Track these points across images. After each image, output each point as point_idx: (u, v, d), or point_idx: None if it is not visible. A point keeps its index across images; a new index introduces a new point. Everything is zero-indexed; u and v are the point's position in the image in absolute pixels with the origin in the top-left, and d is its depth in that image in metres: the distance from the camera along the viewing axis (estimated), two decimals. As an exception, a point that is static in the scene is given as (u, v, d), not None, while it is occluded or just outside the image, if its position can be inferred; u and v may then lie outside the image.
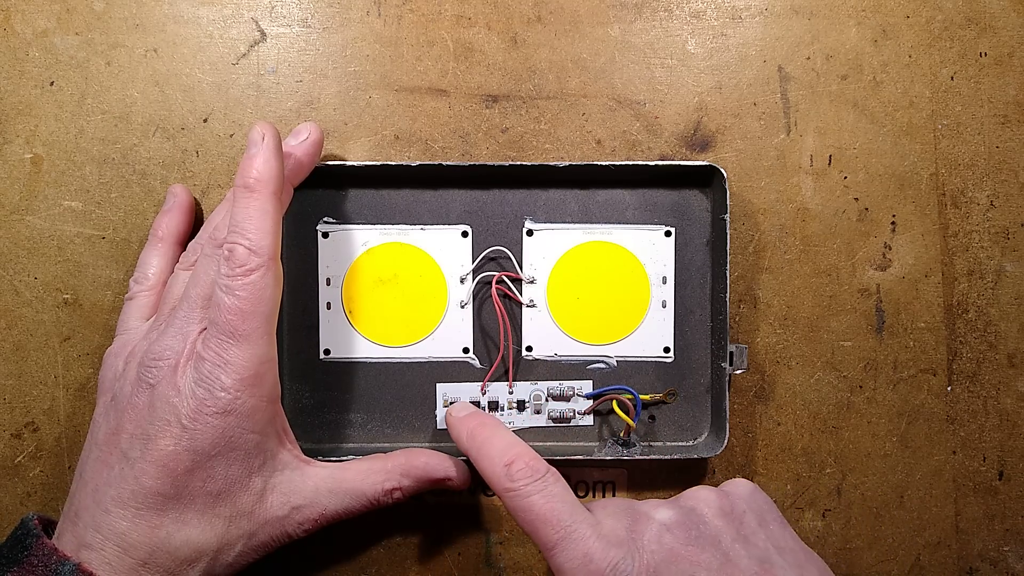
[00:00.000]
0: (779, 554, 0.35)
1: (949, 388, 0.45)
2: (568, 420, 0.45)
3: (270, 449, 0.38)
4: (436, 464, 0.41)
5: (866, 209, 0.45)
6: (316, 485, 0.39)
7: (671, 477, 0.45)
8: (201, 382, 0.36)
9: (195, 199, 0.44)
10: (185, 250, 0.43)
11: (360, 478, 0.40)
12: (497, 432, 0.38)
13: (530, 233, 0.45)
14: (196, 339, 0.37)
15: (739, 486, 0.38)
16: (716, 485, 0.39)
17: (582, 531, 0.34)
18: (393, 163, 0.43)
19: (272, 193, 0.37)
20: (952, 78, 0.45)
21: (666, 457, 0.44)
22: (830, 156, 0.45)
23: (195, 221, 0.44)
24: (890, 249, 0.45)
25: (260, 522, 0.38)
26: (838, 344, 0.45)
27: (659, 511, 0.36)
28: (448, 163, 0.43)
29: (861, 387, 0.45)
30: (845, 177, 0.45)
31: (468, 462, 0.42)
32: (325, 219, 0.45)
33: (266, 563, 0.39)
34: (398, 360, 0.45)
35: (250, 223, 0.36)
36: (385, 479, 0.40)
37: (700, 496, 0.37)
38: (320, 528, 0.39)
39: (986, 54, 0.45)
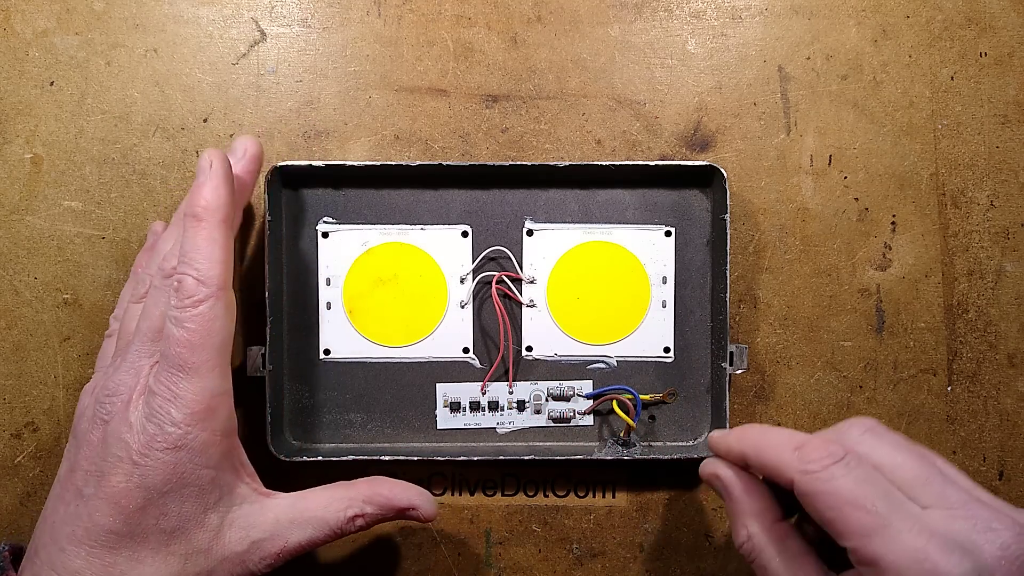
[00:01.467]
0: None
1: (949, 388, 0.45)
2: (568, 420, 0.45)
3: (226, 484, 0.37)
4: (400, 492, 0.39)
5: (866, 209, 0.45)
6: (276, 517, 0.38)
7: (671, 477, 0.45)
8: (152, 417, 0.35)
9: None
10: (131, 277, 0.42)
11: (322, 506, 0.38)
12: (772, 428, 0.36)
13: (530, 233, 0.45)
14: (148, 373, 0.36)
15: None
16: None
17: (907, 520, 0.31)
18: (393, 163, 0.43)
19: (220, 221, 0.36)
20: (952, 78, 0.45)
21: (666, 457, 0.44)
22: (830, 156, 0.45)
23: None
24: (890, 249, 0.45)
25: (218, 559, 0.36)
26: (838, 344, 0.45)
27: (1008, 531, 0.31)
28: (448, 163, 0.43)
29: (861, 387, 0.45)
30: (845, 177, 0.45)
31: (466, 461, 0.42)
32: (325, 219, 0.45)
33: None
34: (398, 360, 0.45)
35: (198, 253, 0.36)
36: (348, 506, 0.38)
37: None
38: (283, 562, 0.38)
39: (986, 54, 0.45)
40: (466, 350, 0.45)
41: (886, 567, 0.30)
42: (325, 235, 0.45)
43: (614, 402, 0.44)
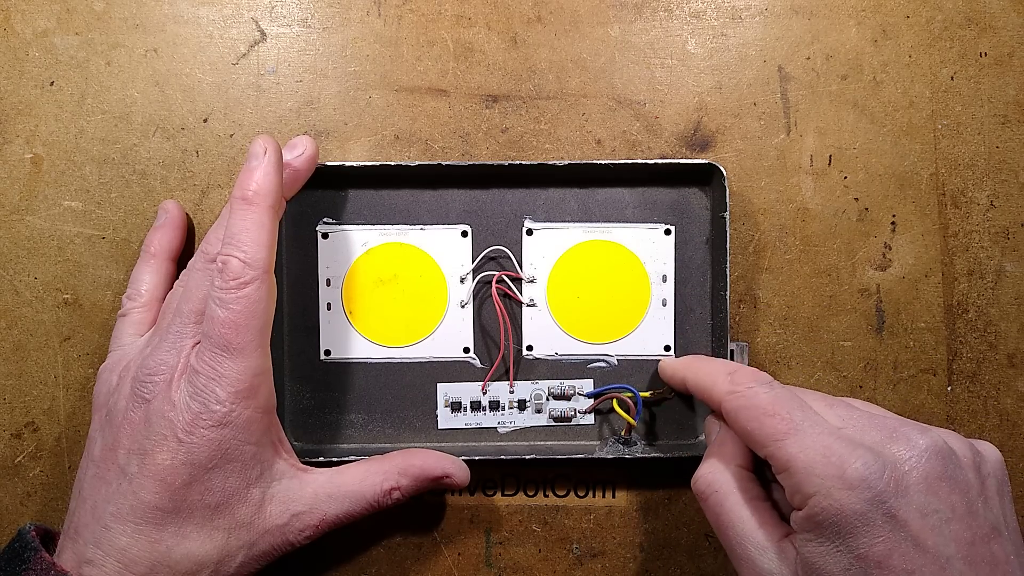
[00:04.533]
0: (1006, 528, 0.33)
1: (949, 388, 0.45)
2: (569, 419, 0.45)
3: (266, 459, 0.38)
4: (434, 462, 0.41)
5: (866, 209, 0.45)
6: (315, 491, 0.39)
7: (671, 477, 0.45)
8: (196, 395, 0.36)
9: (187, 214, 0.44)
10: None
11: (358, 480, 0.40)
12: (711, 358, 0.41)
13: (530, 232, 0.45)
14: (190, 353, 0.37)
15: (989, 450, 0.35)
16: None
17: (818, 427, 0.33)
18: (392, 163, 0.43)
19: (270, 207, 0.37)
20: (952, 78, 0.45)
21: (667, 455, 0.44)
22: (830, 156, 0.45)
23: (188, 235, 0.44)
24: (890, 249, 0.45)
25: (260, 532, 0.38)
26: (838, 344, 0.45)
27: (920, 436, 0.33)
28: (447, 163, 0.43)
29: (861, 387, 0.45)
30: (845, 177, 0.45)
31: (468, 461, 0.42)
32: (325, 220, 0.45)
33: (266, 565, 0.39)
34: (398, 360, 0.45)
35: (246, 235, 0.36)
36: (383, 480, 0.40)
37: (955, 442, 0.34)
38: (321, 534, 0.39)
39: (986, 54, 0.45)
40: (467, 350, 0.45)
41: (796, 466, 0.32)
42: (325, 236, 0.45)
43: (614, 401, 0.44)
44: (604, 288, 0.45)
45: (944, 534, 0.31)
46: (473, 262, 0.45)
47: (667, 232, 0.45)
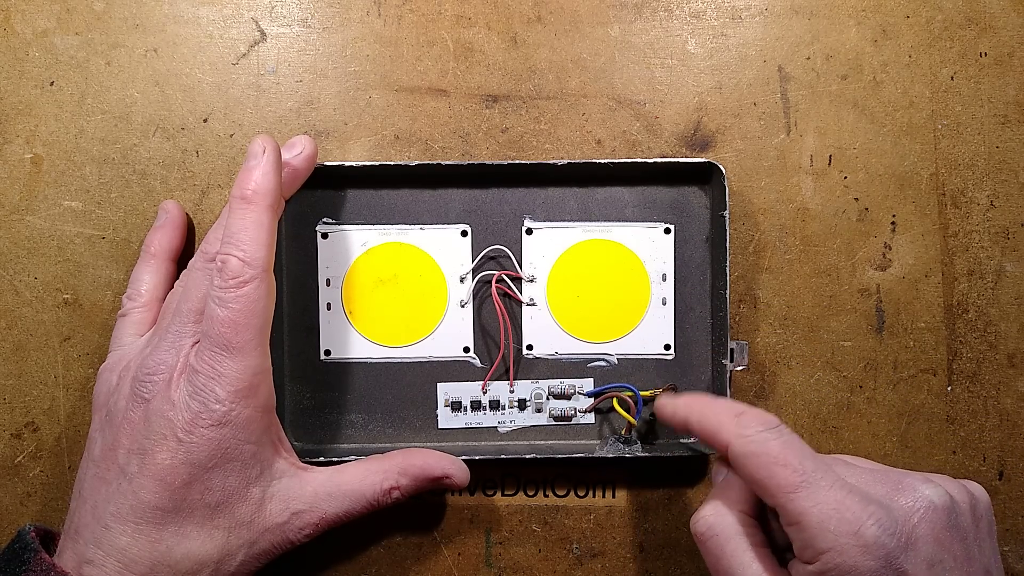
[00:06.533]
0: (995, 568, 0.34)
1: (949, 388, 0.45)
2: (569, 418, 0.45)
3: (266, 458, 0.38)
4: (434, 462, 0.41)
5: (866, 209, 0.45)
6: (315, 490, 0.39)
7: (672, 476, 0.45)
8: (196, 395, 0.36)
9: (187, 214, 0.44)
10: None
11: (358, 479, 0.40)
12: (717, 397, 0.39)
13: (529, 232, 0.45)
14: (189, 352, 0.37)
15: (979, 491, 0.36)
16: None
17: (828, 479, 0.33)
18: (392, 163, 0.43)
19: (269, 206, 0.37)
20: (952, 78, 0.45)
21: (667, 455, 0.44)
22: (830, 156, 0.45)
23: (188, 235, 0.44)
24: (890, 249, 0.45)
25: (260, 530, 0.38)
26: (838, 344, 0.45)
27: (925, 487, 0.33)
28: (446, 162, 0.43)
29: (861, 387, 0.45)
30: (845, 177, 0.45)
31: (468, 461, 0.42)
32: (324, 220, 0.45)
33: (266, 564, 0.39)
34: (398, 360, 0.45)
35: (245, 234, 0.36)
36: (383, 479, 0.40)
37: (953, 488, 0.35)
38: (321, 532, 0.39)
39: (986, 54, 0.45)
40: (467, 349, 0.45)
41: (808, 521, 0.32)
42: (324, 235, 0.45)
43: (614, 400, 0.44)
44: (604, 287, 0.45)
45: None
46: (473, 262, 0.45)
47: (667, 231, 0.45)
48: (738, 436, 0.34)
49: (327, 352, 0.45)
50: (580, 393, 0.45)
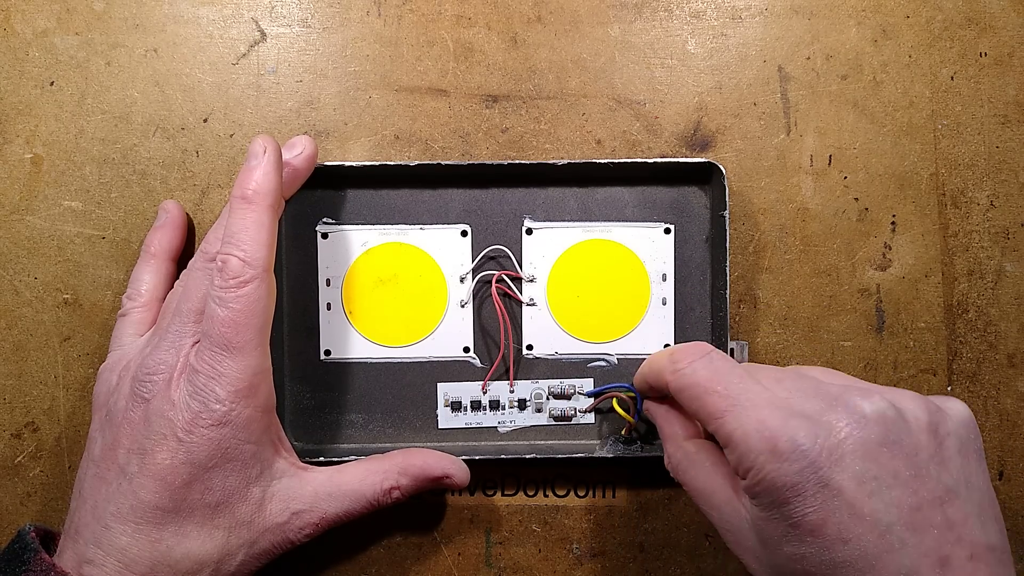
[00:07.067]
0: (967, 488, 0.32)
1: (949, 388, 0.45)
2: (569, 418, 0.45)
3: (266, 458, 0.38)
4: (434, 462, 0.41)
5: (866, 209, 0.45)
6: (315, 490, 0.39)
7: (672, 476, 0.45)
8: (196, 395, 0.36)
9: (187, 214, 0.44)
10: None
11: (358, 479, 0.40)
12: (661, 350, 0.40)
13: (529, 232, 0.45)
14: (189, 352, 0.37)
15: (954, 407, 0.34)
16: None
17: (755, 398, 0.33)
18: (392, 163, 0.43)
19: (269, 206, 0.37)
20: (952, 78, 0.45)
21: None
22: (830, 156, 0.45)
23: (188, 235, 0.44)
24: (890, 249, 0.45)
25: (260, 530, 0.38)
26: (838, 344, 0.45)
27: (865, 402, 0.32)
28: (446, 162, 0.43)
29: (861, 387, 0.45)
30: (845, 177, 0.45)
31: (468, 461, 0.42)
32: (324, 220, 0.45)
33: (266, 564, 0.39)
34: (398, 360, 0.45)
35: (246, 234, 0.36)
36: (383, 479, 0.40)
37: (910, 404, 0.33)
38: (321, 532, 0.39)
39: (986, 54, 0.45)
40: (466, 349, 0.45)
41: (735, 442, 0.32)
42: (324, 235, 0.45)
43: (614, 400, 0.43)
44: (604, 287, 0.45)
45: (884, 501, 0.30)
46: (473, 262, 0.45)
47: (667, 231, 0.45)
48: (672, 372, 0.35)
49: (327, 352, 0.45)
50: (580, 393, 0.45)
